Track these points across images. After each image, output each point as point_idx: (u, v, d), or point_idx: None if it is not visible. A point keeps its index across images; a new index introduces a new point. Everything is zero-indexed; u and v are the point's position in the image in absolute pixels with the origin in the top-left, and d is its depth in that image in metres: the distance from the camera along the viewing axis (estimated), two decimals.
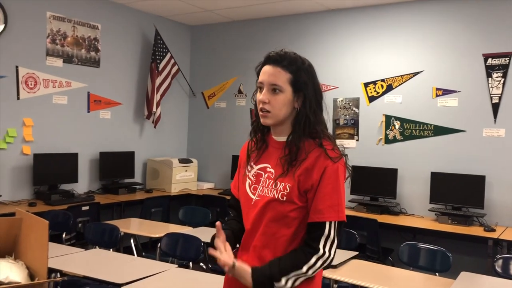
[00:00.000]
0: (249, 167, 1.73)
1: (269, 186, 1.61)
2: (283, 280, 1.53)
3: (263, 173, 1.66)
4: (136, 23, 5.78)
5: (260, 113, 1.64)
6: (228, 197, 5.32)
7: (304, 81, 1.61)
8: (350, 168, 1.63)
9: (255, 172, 1.69)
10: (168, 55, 5.93)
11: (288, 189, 1.56)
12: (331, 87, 5.35)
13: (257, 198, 1.64)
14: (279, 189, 1.58)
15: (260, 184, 1.64)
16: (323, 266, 1.56)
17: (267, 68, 1.65)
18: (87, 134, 5.26)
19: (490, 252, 3.89)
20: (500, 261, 3.24)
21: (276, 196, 1.58)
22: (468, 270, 3.15)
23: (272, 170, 1.63)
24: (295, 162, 1.58)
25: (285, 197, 1.57)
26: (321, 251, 1.54)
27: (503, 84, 4.40)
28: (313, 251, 1.54)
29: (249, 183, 1.69)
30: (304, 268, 1.54)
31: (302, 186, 1.56)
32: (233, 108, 6.18)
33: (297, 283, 1.55)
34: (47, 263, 1.80)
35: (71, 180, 4.95)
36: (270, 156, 1.68)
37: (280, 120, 1.63)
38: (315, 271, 1.56)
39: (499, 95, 4.42)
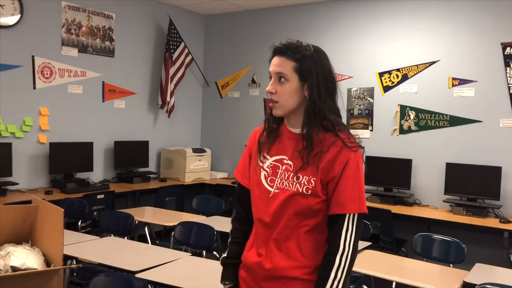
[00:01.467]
0: (262, 157, 1.68)
1: (290, 179, 1.59)
2: None
3: (280, 165, 1.63)
4: (150, 12, 5.78)
5: (270, 104, 1.64)
6: None
7: (308, 68, 1.58)
8: (364, 159, 1.61)
9: (270, 163, 1.65)
10: (182, 45, 5.93)
11: (313, 183, 1.55)
12: (346, 77, 5.30)
13: (276, 190, 1.61)
14: (302, 182, 1.57)
15: (278, 177, 1.62)
16: (350, 260, 1.54)
17: (274, 59, 1.64)
18: (102, 123, 5.31)
19: (505, 244, 3.84)
20: None
21: (300, 190, 1.56)
22: (483, 261, 3.13)
23: (290, 162, 1.61)
24: (315, 154, 1.56)
25: (310, 191, 1.56)
26: (341, 247, 1.53)
27: None
28: (334, 250, 1.53)
29: (264, 174, 1.65)
30: (332, 274, 1.52)
31: (325, 179, 1.55)
32: (247, 98, 6.17)
33: (340, 286, 1.53)
34: (62, 250, 1.83)
35: (87, 169, 5.01)
36: (285, 147, 1.65)
37: (290, 110, 1.61)
38: (345, 270, 1.53)
39: None
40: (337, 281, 1.51)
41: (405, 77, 4.94)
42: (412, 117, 4.88)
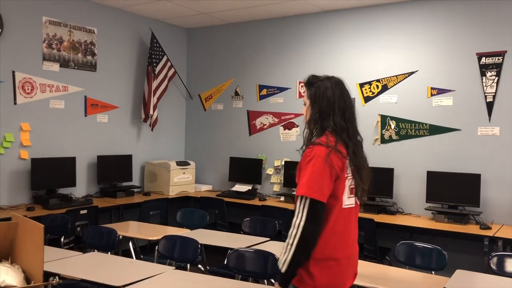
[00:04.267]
0: None
1: None
2: (279, 265, 1.97)
3: None
4: (132, 26, 5.80)
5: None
6: (226, 199, 5.35)
7: (311, 93, 2.13)
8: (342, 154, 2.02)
9: None
10: (165, 58, 5.95)
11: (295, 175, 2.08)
12: None
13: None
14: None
15: None
16: (292, 239, 1.94)
17: None
18: (85, 138, 5.28)
19: (486, 250, 3.91)
20: (495, 259, 3.26)
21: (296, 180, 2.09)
22: (465, 268, 3.18)
23: None
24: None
25: (297, 181, 2.05)
26: (292, 223, 1.97)
27: (497, 82, 4.43)
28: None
29: None
30: (284, 245, 1.99)
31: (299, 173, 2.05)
32: (230, 110, 6.21)
33: (287, 261, 1.94)
34: (42, 267, 1.82)
35: (69, 184, 4.97)
36: None
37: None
38: (294, 242, 1.94)
39: (493, 94, 4.44)
40: (287, 249, 1.96)
41: (385, 88, 5.03)
42: (392, 126, 4.96)
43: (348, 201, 2.08)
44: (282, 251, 1.97)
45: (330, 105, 2.07)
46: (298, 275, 1.99)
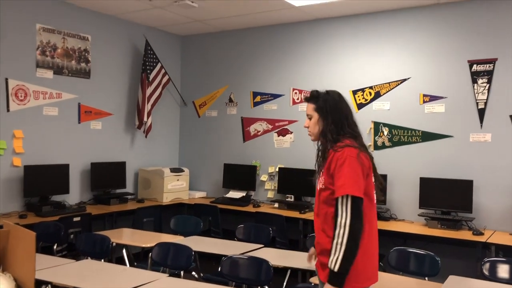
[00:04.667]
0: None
1: (319, 180, 2.33)
2: (331, 265, 2.12)
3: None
4: (126, 34, 5.81)
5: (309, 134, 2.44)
6: (220, 206, 5.35)
7: (320, 106, 2.34)
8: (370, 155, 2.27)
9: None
10: (159, 65, 5.96)
11: (324, 180, 2.26)
12: None
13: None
14: (321, 181, 2.30)
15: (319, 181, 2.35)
16: (348, 232, 2.08)
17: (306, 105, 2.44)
18: (78, 145, 5.27)
19: (478, 256, 3.92)
20: (488, 264, 3.28)
21: (320, 186, 2.29)
22: (458, 273, 3.19)
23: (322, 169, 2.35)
24: (325, 161, 2.29)
25: (324, 185, 2.26)
26: (338, 223, 2.12)
27: (488, 89, 4.47)
28: (335, 226, 2.14)
29: (318, 181, 2.36)
30: (333, 244, 2.12)
31: (329, 175, 2.22)
32: (224, 117, 6.22)
33: (339, 259, 2.08)
34: (34, 275, 1.81)
35: (62, 191, 4.95)
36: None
37: (317, 135, 2.38)
38: (344, 240, 2.09)
39: (485, 101, 4.48)
40: (338, 249, 2.10)
41: (377, 95, 5.06)
42: (385, 133, 4.98)
43: (375, 198, 2.31)
44: (331, 252, 2.12)
45: (343, 115, 2.31)
46: (348, 276, 2.11)
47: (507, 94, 4.39)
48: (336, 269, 2.09)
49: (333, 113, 2.31)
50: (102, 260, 3.70)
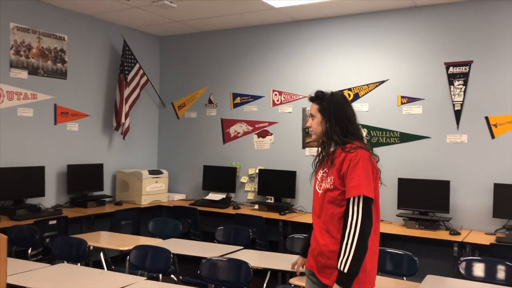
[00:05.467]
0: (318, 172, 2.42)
1: (325, 181, 2.32)
2: (341, 266, 2.11)
3: (324, 174, 2.34)
4: (103, 34, 5.73)
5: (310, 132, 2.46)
6: (200, 208, 5.31)
7: (324, 107, 2.35)
8: (377, 158, 2.30)
9: (322, 174, 2.37)
10: (137, 66, 5.89)
11: (333, 180, 2.25)
12: (300, 96, 5.42)
13: (321, 191, 2.34)
14: (328, 181, 2.28)
15: (323, 182, 2.33)
16: (358, 234, 2.09)
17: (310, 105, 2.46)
18: (54, 147, 5.17)
19: (455, 255, 3.98)
20: (464, 263, 3.32)
21: (328, 186, 2.28)
22: (435, 273, 3.23)
23: (326, 170, 2.34)
24: (332, 162, 2.29)
25: (332, 186, 2.26)
26: (348, 224, 2.13)
27: (464, 91, 4.55)
28: (344, 227, 2.14)
29: (317, 183, 2.39)
30: (343, 245, 2.12)
31: (339, 176, 2.23)
32: (204, 118, 6.18)
33: (350, 260, 2.09)
34: (5, 280, 1.76)
35: (38, 194, 4.84)
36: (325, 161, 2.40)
37: (319, 135, 2.39)
38: (354, 241, 2.09)
39: (461, 102, 4.56)
40: (347, 250, 2.10)
41: (356, 96, 5.10)
42: (364, 134, 5.02)
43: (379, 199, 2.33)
44: (340, 253, 2.12)
45: (347, 117, 2.32)
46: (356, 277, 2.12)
47: (483, 96, 4.47)
48: (346, 270, 2.09)
49: (336, 115, 2.32)
50: (79, 264, 3.63)
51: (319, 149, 2.43)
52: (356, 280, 2.12)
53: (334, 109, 2.32)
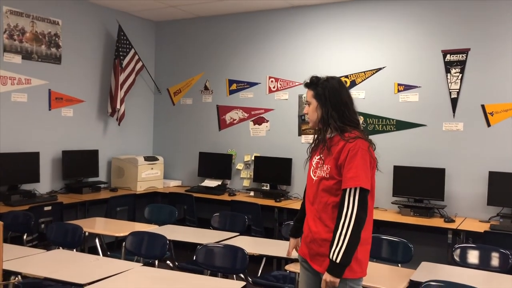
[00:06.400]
0: (313, 158, 2.39)
1: (320, 168, 2.29)
2: (333, 256, 2.11)
3: (319, 161, 2.32)
4: (98, 18, 5.66)
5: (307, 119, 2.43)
6: (195, 194, 5.31)
7: (319, 93, 2.30)
8: (374, 147, 2.28)
9: (316, 161, 2.34)
10: (132, 51, 5.84)
11: (329, 169, 2.23)
12: (296, 83, 5.40)
13: (316, 178, 2.32)
14: (324, 170, 2.26)
15: (318, 169, 2.31)
16: (353, 224, 2.09)
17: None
18: (49, 133, 5.13)
19: (449, 242, 4.01)
20: (458, 251, 3.35)
21: (323, 175, 2.26)
22: (430, 260, 3.26)
23: (322, 157, 2.31)
24: (329, 149, 2.25)
25: (328, 175, 2.23)
26: (343, 215, 2.12)
27: (461, 79, 4.54)
28: (339, 217, 2.13)
29: (312, 169, 2.36)
30: (337, 235, 2.11)
31: (336, 165, 2.20)
32: (200, 105, 6.15)
33: (342, 250, 2.08)
34: (1, 265, 1.75)
35: (33, 180, 4.82)
36: (320, 147, 2.35)
37: (315, 122, 2.35)
38: (348, 232, 2.09)
39: (457, 90, 4.56)
40: (341, 240, 2.10)
41: (353, 84, 5.08)
42: (360, 122, 5.01)
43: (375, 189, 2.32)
44: (333, 243, 2.12)
45: (343, 102, 2.26)
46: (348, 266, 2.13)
47: (479, 84, 4.47)
48: (338, 260, 2.09)
49: (332, 100, 2.27)
50: (74, 250, 3.63)
51: (315, 135, 2.40)
52: (348, 268, 2.14)
53: (329, 94, 2.27)
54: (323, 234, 2.23)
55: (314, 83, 2.34)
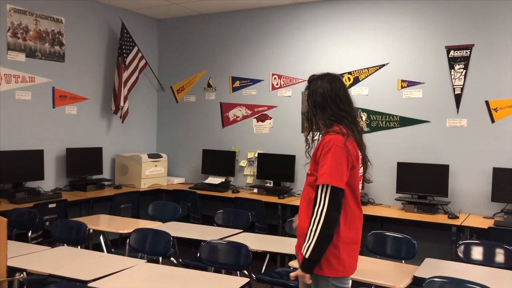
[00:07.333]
0: None
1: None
2: (303, 251, 2.12)
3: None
4: (101, 16, 5.67)
5: None
6: (199, 192, 5.32)
7: (308, 92, 2.33)
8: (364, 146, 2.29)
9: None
10: (135, 49, 5.84)
11: (310, 165, 2.28)
12: (300, 80, 5.39)
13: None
14: (307, 166, 2.33)
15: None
16: (323, 220, 2.07)
17: None
18: (53, 130, 5.15)
19: (453, 239, 4.00)
20: (462, 247, 3.35)
21: (307, 171, 2.31)
22: (434, 256, 3.26)
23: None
24: (312, 147, 2.33)
25: (309, 171, 2.27)
26: (314, 211, 2.11)
27: (465, 75, 4.52)
28: (312, 213, 2.12)
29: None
30: (309, 230, 2.11)
31: (315, 162, 2.21)
32: (203, 102, 6.15)
33: (311, 247, 2.09)
34: (6, 262, 1.76)
35: (37, 178, 4.84)
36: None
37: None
38: (318, 227, 2.08)
39: (461, 86, 4.54)
40: (311, 236, 2.10)
41: (356, 80, 5.07)
42: (364, 118, 5.01)
43: (360, 187, 2.29)
44: (305, 239, 2.12)
45: (323, 98, 2.25)
46: (328, 264, 2.14)
47: (483, 80, 4.45)
48: (307, 255, 2.10)
49: (314, 97, 2.28)
50: (79, 247, 3.64)
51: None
52: (328, 266, 2.14)
53: (314, 92, 2.29)
54: (306, 229, 2.22)
55: (309, 82, 2.37)
